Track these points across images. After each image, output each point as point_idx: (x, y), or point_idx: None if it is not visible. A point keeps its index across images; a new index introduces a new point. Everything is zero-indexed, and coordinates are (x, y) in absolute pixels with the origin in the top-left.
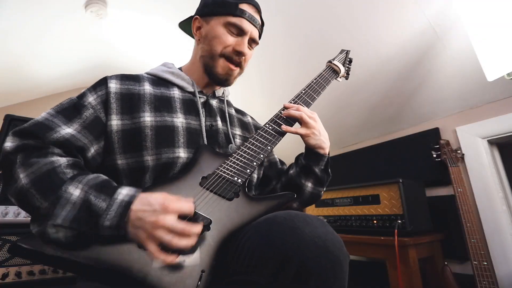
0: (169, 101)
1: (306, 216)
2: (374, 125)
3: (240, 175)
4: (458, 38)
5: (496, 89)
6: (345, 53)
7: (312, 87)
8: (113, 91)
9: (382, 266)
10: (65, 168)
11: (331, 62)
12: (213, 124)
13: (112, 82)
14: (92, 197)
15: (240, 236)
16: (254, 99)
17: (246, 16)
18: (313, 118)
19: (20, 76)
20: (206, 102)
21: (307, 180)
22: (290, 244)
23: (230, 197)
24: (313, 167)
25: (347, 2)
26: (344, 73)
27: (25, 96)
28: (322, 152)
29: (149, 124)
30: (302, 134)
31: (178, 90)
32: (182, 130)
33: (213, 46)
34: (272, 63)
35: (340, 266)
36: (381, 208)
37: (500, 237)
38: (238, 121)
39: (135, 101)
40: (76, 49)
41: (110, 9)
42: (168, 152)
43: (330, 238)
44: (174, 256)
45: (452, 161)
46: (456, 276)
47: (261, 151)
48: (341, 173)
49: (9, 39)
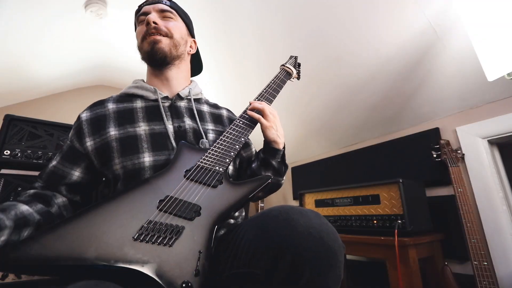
0: (131, 113)
1: (300, 209)
2: (374, 125)
3: (220, 164)
4: (458, 38)
5: (496, 89)
6: (294, 58)
7: (271, 87)
8: (84, 119)
9: (382, 266)
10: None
11: (284, 66)
12: (180, 125)
13: (83, 114)
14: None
15: (237, 230)
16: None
17: (142, 5)
18: (273, 114)
19: (20, 76)
20: (172, 105)
21: (266, 171)
22: (284, 236)
23: (214, 185)
24: (270, 160)
25: (347, 2)
26: (295, 74)
27: (25, 96)
28: (277, 147)
29: (113, 137)
30: (262, 123)
31: (142, 101)
32: (145, 136)
33: (138, 41)
34: (272, 63)
35: (335, 256)
36: (381, 208)
37: (500, 237)
38: (210, 116)
39: (102, 121)
40: (76, 49)
41: (110, 9)
42: (133, 158)
43: (325, 229)
44: None
45: (452, 161)
46: (456, 276)
47: (236, 143)
48: (341, 173)
49: (9, 39)
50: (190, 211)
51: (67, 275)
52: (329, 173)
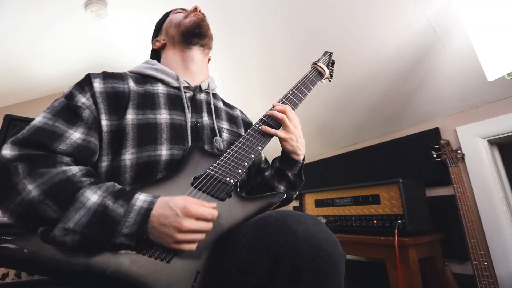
0: (153, 97)
1: (299, 215)
2: (374, 125)
3: (232, 175)
4: (458, 38)
5: (496, 89)
6: (329, 54)
7: (298, 88)
8: (98, 91)
9: (382, 266)
10: (80, 177)
11: (316, 64)
12: (198, 121)
13: (96, 82)
14: (109, 202)
15: (235, 236)
16: (254, 99)
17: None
18: (294, 123)
19: (20, 76)
20: (193, 97)
21: (280, 183)
22: (282, 244)
23: (222, 198)
24: (286, 171)
25: (347, 2)
26: (328, 75)
27: (25, 96)
28: (297, 158)
29: (130, 123)
30: (280, 137)
31: (163, 85)
32: (165, 126)
33: (173, 22)
34: (272, 63)
35: (334, 265)
36: (381, 208)
37: (500, 237)
38: (226, 115)
39: (121, 100)
40: (76, 49)
41: (110, 9)
42: (149, 150)
43: (324, 237)
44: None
45: (452, 161)
46: (456, 276)
47: (251, 151)
48: (341, 173)
49: (9, 39)
50: None
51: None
52: (329, 173)
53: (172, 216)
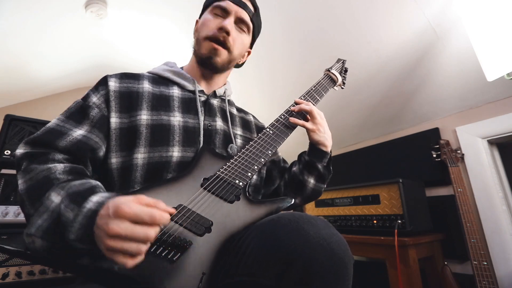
0: (167, 100)
1: (310, 218)
2: (374, 125)
3: (242, 178)
4: (458, 38)
5: (496, 89)
6: (342, 62)
7: (311, 94)
8: (112, 90)
9: (382, 266)
10: (60, 174)
11: (329, 71)
12: (211, 123)
13: (112, 81)
14: (62, 206)
15: (244, 236)
16: (254, 99)
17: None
18: (321, 115)
19: (20, 76)
20: (206, 101)
21: (309, 176)
22: (295, 246)
23: (231, 200)
24: (316, 163)
25: (347, 2)
26: (340, 82)
27: (25, 96)
28: (325, 150)
29: (144, 123)
30: (309, 128)
31: (178, 88)
32: (178, 128)
33: (200, 32)
34: (272, 63)
35: (345, 268)
36: (381, 208)
37: (500, 237)
38: (240, 120)
39: (134, 100)
40: (76, 49)
41: (110, 9)
42: (161, 150)
43: (335, 240)
44: (133, 259)
45: (452, 161)
46: (456, 276)
47: (262, 155)
48: (341, 173)
49: (9, 39)
50: (201, 226)
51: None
52: None
53: (104, 217)
